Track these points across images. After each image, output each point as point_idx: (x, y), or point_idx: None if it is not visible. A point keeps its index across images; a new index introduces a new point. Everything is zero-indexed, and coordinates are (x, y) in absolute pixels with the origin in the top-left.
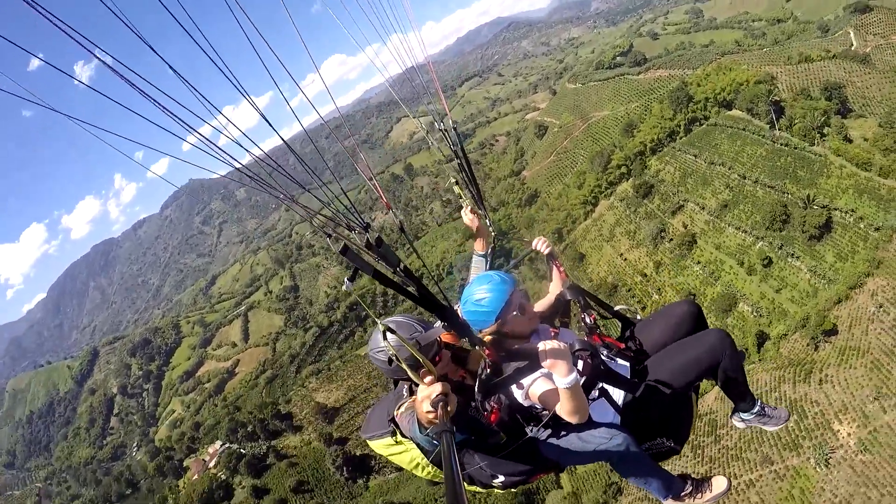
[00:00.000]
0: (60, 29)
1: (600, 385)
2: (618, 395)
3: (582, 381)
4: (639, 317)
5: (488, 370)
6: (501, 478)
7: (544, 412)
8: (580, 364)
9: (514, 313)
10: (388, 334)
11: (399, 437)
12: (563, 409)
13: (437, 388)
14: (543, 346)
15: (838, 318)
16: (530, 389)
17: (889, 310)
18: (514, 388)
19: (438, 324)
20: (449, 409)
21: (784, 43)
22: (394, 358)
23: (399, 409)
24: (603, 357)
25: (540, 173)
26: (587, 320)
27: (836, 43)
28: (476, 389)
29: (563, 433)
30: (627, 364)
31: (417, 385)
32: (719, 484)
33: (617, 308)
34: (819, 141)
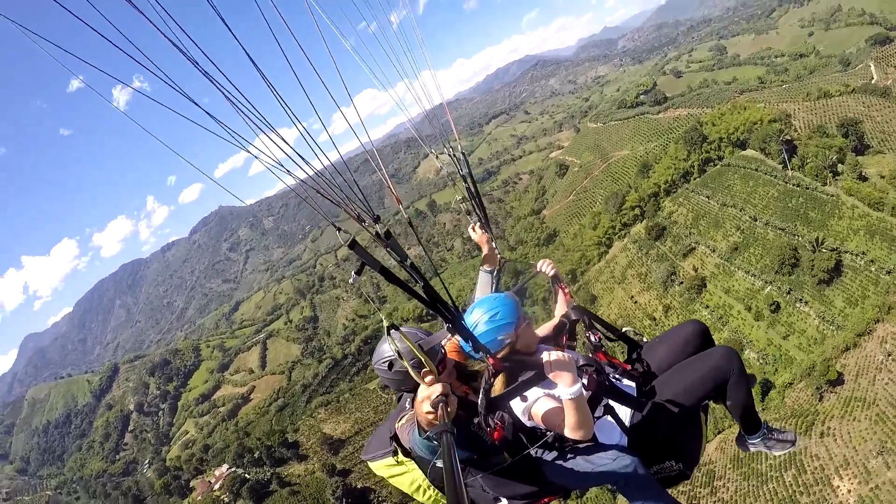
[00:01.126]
0: (117, 46)
1: (605, 402)
2: (625, 414)
3: (587, 397)
4: (644, 339)
5: (492, 380)
6: (504, 501)
7: (549, 432)
8: (585, 379)
9: (525, 324)
10: (393, 332)
11: (400, 457)
12: (568, 423)
13: (437, 388)
14: (548, 356)
15: (845, 367)
16: (533, 409)
17: None
18: (517, 404)
19: (444, 330)
20: (449, 409)
21: (805, 78)
22: (397, 357)
23: (400, 421)
24: (608, 375)
25: (559, 213)
26: (592, 339)
27: (857, 77)
28: (480, 401)
29: (568, 455)
30: (633, 384)
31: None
32: None
33: (623, 330)
34: (831, 181)
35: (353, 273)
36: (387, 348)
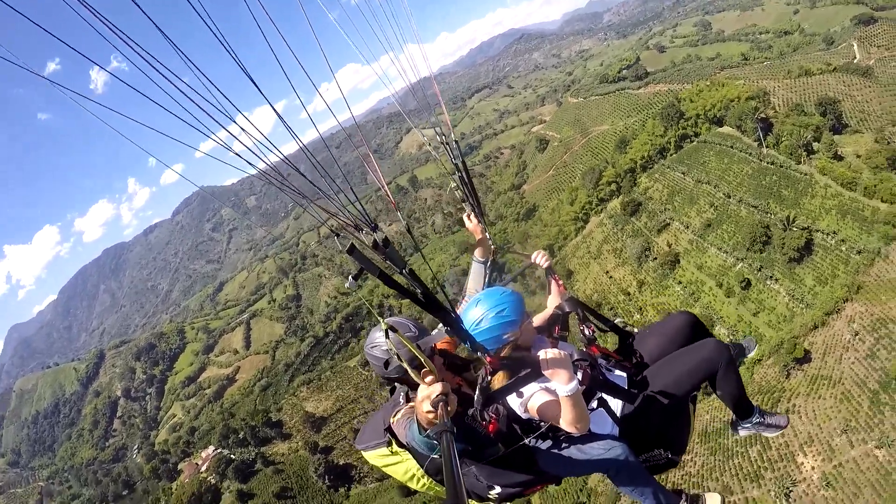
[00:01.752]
0: (100, 25)
1: (599, 395)
2: (616, 405)
3: (582, 391)
4: (636, 329)
5: (489, 377)
6: (498, 489)
7: (542, 423)
8: (579, 374)
9: (528, 320)
10: (391, 333)
11: (394, 448)
12: (565, 419)
13: (438, 387)
14: (544, 354)
15: (813, 345)
16: (529, 403)
17: (865, 338)
18: (513, 398)
19: (440, 328)
20: (449, 409)
21: (788, 56)
22: (395, 357)
23: (395, 416)
24: (601, 368)
25: (539, 188)
26: (586, 332)
27: (839, 55)
28: (476, 397)
29: (562, 445)
30: (625, 375)
31: (415, 391)
32: (713, 500)
33: (615, 321)
34: (806, 159)
35: (349, 278)
36: (382, 341)
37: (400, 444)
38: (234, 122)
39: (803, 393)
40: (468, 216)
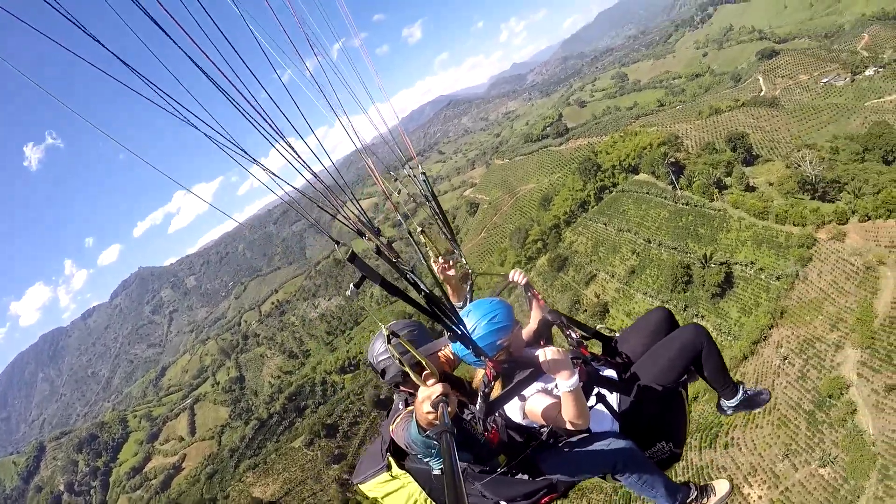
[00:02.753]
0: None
1: (597, 391)
2: (614, 400)
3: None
4: (617, 334)
5: (493, 383)
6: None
7: (543, 428)
8: (576, 371)
9: (518, 327)
10: (392, 338)
11: (395, 471)
12: (567, 414)
13: (438, 388)
14: (543, 353)
15: (745, 376)
16: (527, 407)
17: (794, 360)
18: (512, 404)
19: (444, 337)
20: (450, 409)
21: (700, 97)
22: (397, 361)
23: (394, 422)
24: (594, 365)
25: (472, 251)
26: (573, 336)
27: (747, 90)
28: (479, 405)
29: (564, 448)
30: (614, 373)
31: (413, 395)
32: (722, 487)
33: (597, 328)
34: (718, 196)
35: (351, 286)
36: (383, 350)
37: (400, 466)
38: (195, 189)
39: (740, 424)
40: (436, 261)
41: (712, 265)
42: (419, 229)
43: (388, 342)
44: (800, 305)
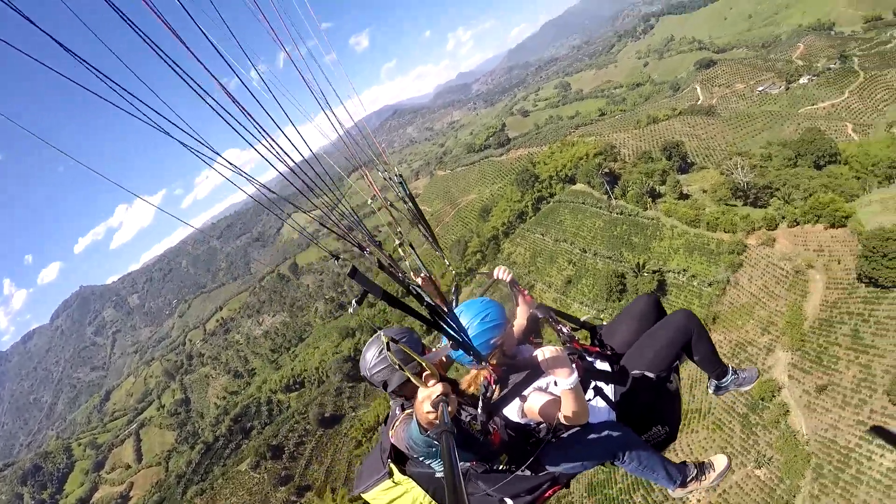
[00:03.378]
0: None
1: (594, 384)
2: (609, 390)
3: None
4: (603, 323)
5: (494, 387)
6: (509, 501)
7: (542, 426)
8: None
9: (510, 325)
10: (391, 345)
11: (397, 477)
12: (568, 411)
13: (439, 388)
14: (542, 352)
15: (680, 382)
16: (526, 406)
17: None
18: (513, 404)
19: (445, 343)
20: (450, 409)
21: (640, 106)
22: (397, 367)
23: (394, 426)
24: (588, 359)
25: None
26: (564, 330)
27: (684, 99)
28: (480, 407)
29: (564, 441)
30: (607, 364)
31: (409, 400)
32: (720, 462)
33: (583, 319)
34: (651, 205)
35: (353, 302)
36: (379, 359)
37: (402, 471)
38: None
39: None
40: (418, 274)
41: (645, 273)
42: (398, 242)
43: (388, 349)
44: (731, 310)
